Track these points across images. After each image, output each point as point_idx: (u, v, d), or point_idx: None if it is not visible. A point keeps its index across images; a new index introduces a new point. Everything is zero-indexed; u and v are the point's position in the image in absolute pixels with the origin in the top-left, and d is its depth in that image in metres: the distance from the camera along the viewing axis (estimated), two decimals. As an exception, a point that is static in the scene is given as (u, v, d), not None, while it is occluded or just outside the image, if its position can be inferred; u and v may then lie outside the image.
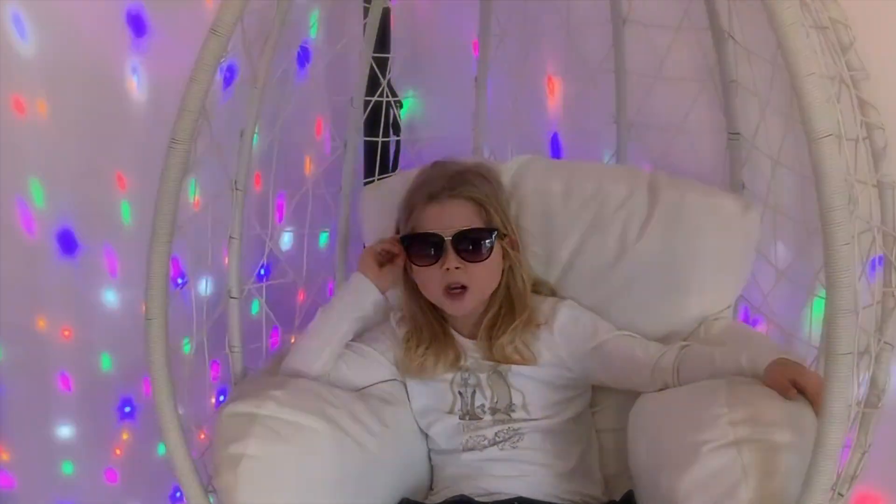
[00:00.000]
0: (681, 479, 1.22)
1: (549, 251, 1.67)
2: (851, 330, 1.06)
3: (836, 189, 1.04)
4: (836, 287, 1.05)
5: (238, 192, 1.57)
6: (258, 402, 1.35)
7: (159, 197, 1.32)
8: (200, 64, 1.28)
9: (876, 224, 1.33)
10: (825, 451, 1.08)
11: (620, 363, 1.53)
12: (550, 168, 1.73)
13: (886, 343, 1.36)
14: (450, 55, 1.96)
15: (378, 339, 1.62)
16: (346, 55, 1.91)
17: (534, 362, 1.56)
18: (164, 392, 1.38)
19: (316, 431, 1.38)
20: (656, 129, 1.86)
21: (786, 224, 1.70)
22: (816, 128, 1.04)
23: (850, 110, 1.31)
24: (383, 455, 1.48)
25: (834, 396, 1.07)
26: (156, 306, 1.35)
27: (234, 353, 1.60)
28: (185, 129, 1.30)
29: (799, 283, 1.70)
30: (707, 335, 1.59)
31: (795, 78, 1.04)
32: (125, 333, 1.85)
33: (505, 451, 1.54)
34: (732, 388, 1.29)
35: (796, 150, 1.63)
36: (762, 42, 1.62)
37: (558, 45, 1.93)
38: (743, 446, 1.19)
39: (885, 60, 1.45)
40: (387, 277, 1.58)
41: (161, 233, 1.33)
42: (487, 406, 1.57)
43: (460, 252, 1.51)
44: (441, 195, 1.53)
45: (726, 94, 1.76)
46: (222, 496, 1.32)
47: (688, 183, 1.68)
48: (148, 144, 1.44)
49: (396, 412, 1.58)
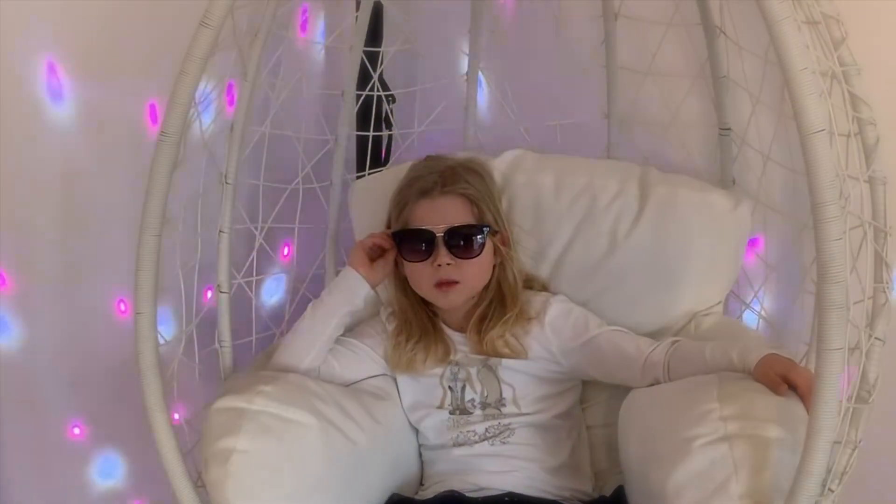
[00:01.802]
0: (672, 475, 1.22)
1: (540, 246, 1.67)
2: (842, 325, 1.06)
3: (827, 184, 1.04)
4: (827, 282, 1.05)
5: (228, 185, 1.56)
6: (248, 397, 1.35)
7: (149, 190, 1.32)
8: (190, 57, 1.27)
9: (867, 219, 1.33)
10: (816, 447, 1.08)
11: (611, 358, 1.53)
12: (541, 163, 1.73)
13: (877, 339, 1.36)
14: (441, 49, 1.96)
15: (368, 334, 1.62)
16: (337, 49, 1.90)
17: (524, 356, 1.56)
18: (153, 387, 1.37)
19: (306, 426, 1.37)
20: (647, 124, 1.86)
21: (777, 219, 1.71)
22: (808, 123, 1.04)
23: (841, 106, 1.31)
24: (373, 450, 1.48)
25: (824, 392, 1.07)
26: (144, 301, 1.35)
27: (223, 347, 1.60)
28: (174, 122, 1.30)
29: (789, 279, 1.70)
30: (698, 330, 1.60)
31: (787, 73, 1.04)
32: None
33: (495, 446, 1.54)
34: (723, 383, 1.29)
35: (787, 145, 1.63)
36: (754, 37, 1.62)
37: (550, 40, 1.93)
38: (734, 441, 1.19)
39: (877, 56, 1.46)
40: (377, 272, 1.58)
41: (150, 226, 1.33)
42: (478, 401, 1.57)
43: (451, 248, 1.51)
44: (432, 191, 1.53)
45: (717, 90, 1.76)
46: (212, 491, 1.31)
47: (679, 178, 1.68)
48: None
49: (386, 407, 1.58)
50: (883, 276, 1.37)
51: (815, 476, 1.09)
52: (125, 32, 1.72)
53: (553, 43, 1.93)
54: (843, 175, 1.16)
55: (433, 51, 1.99)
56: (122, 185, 1.67)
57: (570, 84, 1.89)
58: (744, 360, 1.33)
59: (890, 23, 1.61)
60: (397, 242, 1.56)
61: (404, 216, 1.55)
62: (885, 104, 1.42)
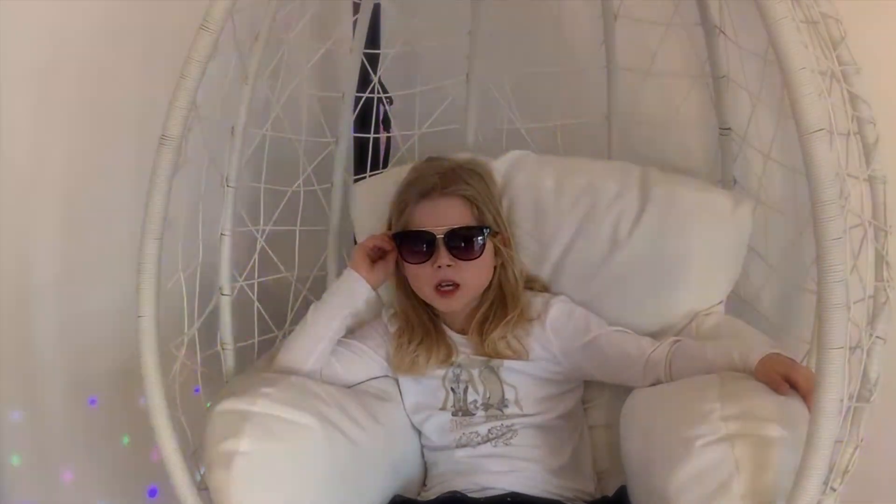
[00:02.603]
0: (673, 474, 1.22)
1: (541, 247, 1.67)
2: (843, 324, 1.06)
3: (827, 184, 1.04)
4: (827, 281, 1.05)
5: (229, 188, 1.57)
6: (250, 399, 1.35)
7: (150, 193, 1.32)
8: (190, 60, 1.28)
9: (867, 218, 1.33)
10: (817, 446, 1.08)
11: (612, 358, 1.53)
12: (542, 164, 1.73)
13: (878, 337, 1.36)
14: (441, 50, 1.96)
15: (370, 336, 1.62)
16: (336, 51, 1.90)
17: (525, 357, 1.56)
18: (156, 390, 1.37)
19: (308, 428, 1.37)
20: (648, 124, 1.86)
21: (777, 218, 1.71)
22: (808, 122, 1.04)
23: (841, 105, 1.31)
24: (376, 452, 1.48)
25: (826, 391, 1.07)
26: (147, 303, 1.35)
27: (225, 350, 1.60)
28: (175, 125, 1.30)
29: (791, 278, 1.70)
30: (699, 330, 1.59)
31: (787, 72, 1.04)
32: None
33: (498, 447, 1.54)
34: (725, 383, 1.29)
35: (788, 145, 1.63)
36: (753, 37, 1.62)
37: (549, 41, 1.93)
38: (735, 441, 1.19)
39: (876, 55, 1.45)
40: (379, 274, 1.58)
41: (151, 229, 1.33)
42: (480, 402, 1.57)
43: (452, 250, 1.51)
44: (433, 193, 1.53)
45: (717, 90, 1.76)
46: (214, 494, 1.31)
47: (679, 178, 1.68)
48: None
49: (389, 409, 1.58)
50: (883, 275, 1.37)
51: (816, 475, 1.09)
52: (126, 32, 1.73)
53: (553, 44, 1.93)
54: (842, 174, 1.16)
55: (433, 51, 1.99)
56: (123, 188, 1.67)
57: (570, 85, 1.89)
58: (745, 360, 1.33)
59: (889, 21, 1.61)
60: (398, 244, 1.56)
61: (404, 218, 1.55)
62: (885, 103, 1.42)
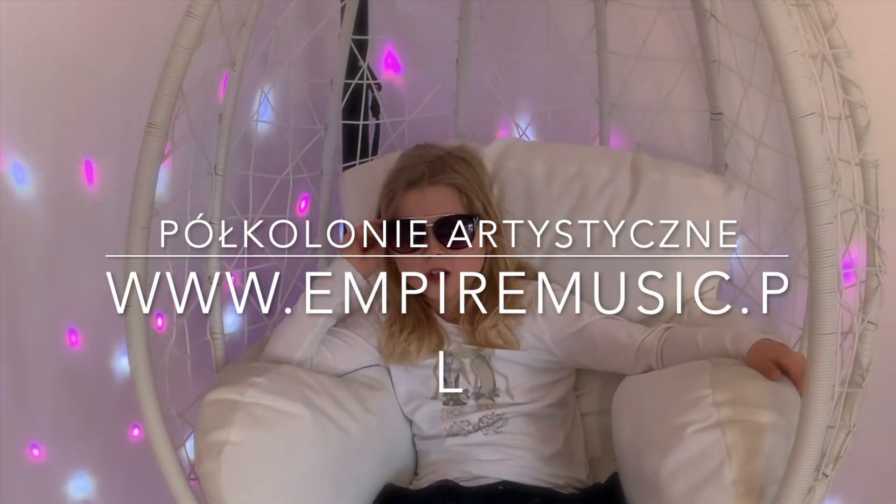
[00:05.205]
0: (665, 461, 1.22)
1: (531, 233, 1.66)
2: (834, 310, 1.06)
3: (818, 168, 1.03)
4: (818, 267, 1.05)
5: (217, 176, 1.56)
6: (240, 388, 1.34)
7: (137, 182, 1.31)
8: (176, 47, 1.26)
9: (859, 203, 1.32)
10: (809, 431, 1.08)
11: (604, 346, 1.52)
12: (533, 150, 1.73)
13: (870, 322, 1.36)
14: (431, 36, 1.95)
15: (361, 325, 1.61)
16: (324, 37, 1.89)
17: (517, 346, 1.55)
18: (145, 379, 1.36)
19: (299, 418, 1.36)
20: (639, 109, 1.85)
21: (769, 203, 1.70)
22: (798, 106, 1.03)
23: (832, 88, 1.31)
24: (367, 441, 1.48)
25: (817, 376, 1.07)
26: (134, 294, 1.34)
27: (215, 339, 1.59)
28: (161, 112, 1.29)
29: (782, 263, 1.70)
30: (691, 316, 1.59)
31: (777, 56, 1.03)
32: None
33: (489, 435, 1.54)
34: (716, 369, 1.28)
35: (779, 129, 1.63)
36: (744, 21, 1.62)
37: (540, 25, 1.92)
38: (727, 427, 1.18)
39: (867, 38, 1.45)
40: (369, 262, 1.57)
41: (139, 218, 1.32)
42: (471, 391, 1.57)
43: (441, 239, 1.50)
44: (421, 181, 1.52)
45: (709, 74, 1.76)
46: (205, 483, 1.31)
47: (670, 163, 1.68)
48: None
49: (380, 398, 1.57)
50: (875, 260, 1.37)
51: (808, 461, 1.09)
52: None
53: (543, 29, 1.92)
54: (833, 158, 1.16)
55: (422, 37, 1.98)
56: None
57: (560, 70, 1.88)
58: (737, 346, 1.33)
59: (880, 4, 1.61)
60: (387, 234, 1.55)
61: (393, 207, 1.54)
62: (876, 86, 1.41)
